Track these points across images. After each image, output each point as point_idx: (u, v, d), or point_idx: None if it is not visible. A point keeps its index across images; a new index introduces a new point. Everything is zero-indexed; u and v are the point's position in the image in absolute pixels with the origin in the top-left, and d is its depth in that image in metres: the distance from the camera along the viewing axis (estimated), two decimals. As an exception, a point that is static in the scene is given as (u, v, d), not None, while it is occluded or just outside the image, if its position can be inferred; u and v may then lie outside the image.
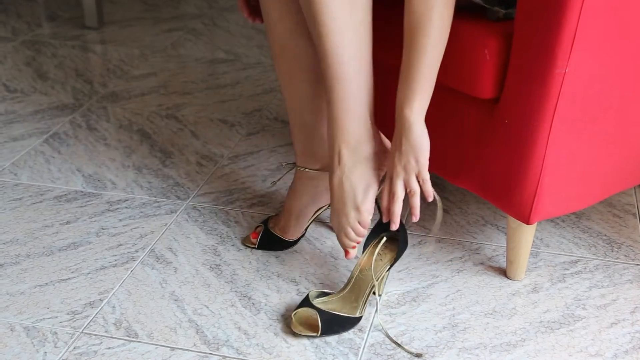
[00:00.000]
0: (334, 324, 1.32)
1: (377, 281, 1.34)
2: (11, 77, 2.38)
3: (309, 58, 1.38)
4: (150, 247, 1.56)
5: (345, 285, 1.37)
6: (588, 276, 1.49)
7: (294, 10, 1.34)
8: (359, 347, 1.31)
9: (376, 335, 1.33)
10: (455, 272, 1.50)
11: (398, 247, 1.35)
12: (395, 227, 1.31)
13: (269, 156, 1.92)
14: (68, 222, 1.64)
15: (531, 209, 1.35)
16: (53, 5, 3.07)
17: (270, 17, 1.38)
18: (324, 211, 1.53)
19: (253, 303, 1.40)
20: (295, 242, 1.55)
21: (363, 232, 1.33)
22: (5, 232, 1.60)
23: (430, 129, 1.26)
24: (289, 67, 1.41)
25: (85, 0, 2.77)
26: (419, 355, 1.29)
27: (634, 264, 1.53)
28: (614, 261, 1.54)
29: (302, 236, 1.56)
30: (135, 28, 2.84)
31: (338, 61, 1.25)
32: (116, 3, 3.11)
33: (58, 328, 1.33)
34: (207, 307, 1.39)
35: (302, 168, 1.49)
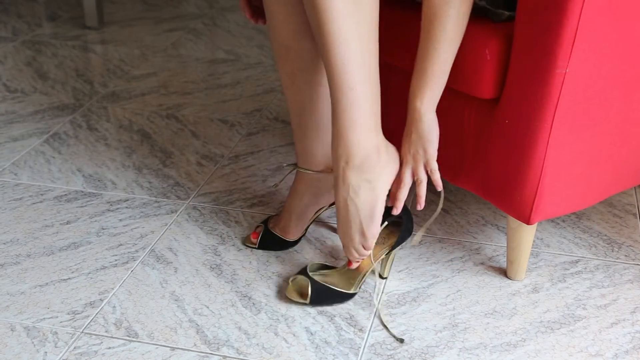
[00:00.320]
0: (324, 296, 1.37)
1: (375, 262, 1.39)
2: (11, 77, 2.38)
3: (313, 59, 1.38)
4: (150, 247, 1.56)
5: (346, 262, 1.41)
6: (588, 276, 1.49)
7: (299, 11, 1.33)
8: (359, 347, 1.30)
9: (376, 335, 1.33)
10: (455, 272, 1.50)
11: (400, 233, 1.39)
12: (397, 212, 1.34)
13: (269, 156, 1.92)
14: (68, 222, 1.63)
15: (531, 209, 1.35)
16: (53, 5, 3.07)
17: (274, 18, 1.37)
18: (325, 211, 1.54)
19: (253, 303, 1.40)
20: (295, 242, 1.55)
21: (367, 253, 1.34)
22: (5, 232, 1.60)
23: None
24: (292, 68, 1.40)
25: (85, 0, 2.77)
26: (401, 340, 1.31)
27: (634, 264, 1.53)
28: (615, 261, 1.53)
29: (303, 236, 1.56)
30: (135, 28, 2.84)
31: (344, 70, 1.21)
32: (117, 3, 3.11)
33: (58, 328, 1.33)
34: (208, 307, 1.39)
35: (304, 170, 1.48)
